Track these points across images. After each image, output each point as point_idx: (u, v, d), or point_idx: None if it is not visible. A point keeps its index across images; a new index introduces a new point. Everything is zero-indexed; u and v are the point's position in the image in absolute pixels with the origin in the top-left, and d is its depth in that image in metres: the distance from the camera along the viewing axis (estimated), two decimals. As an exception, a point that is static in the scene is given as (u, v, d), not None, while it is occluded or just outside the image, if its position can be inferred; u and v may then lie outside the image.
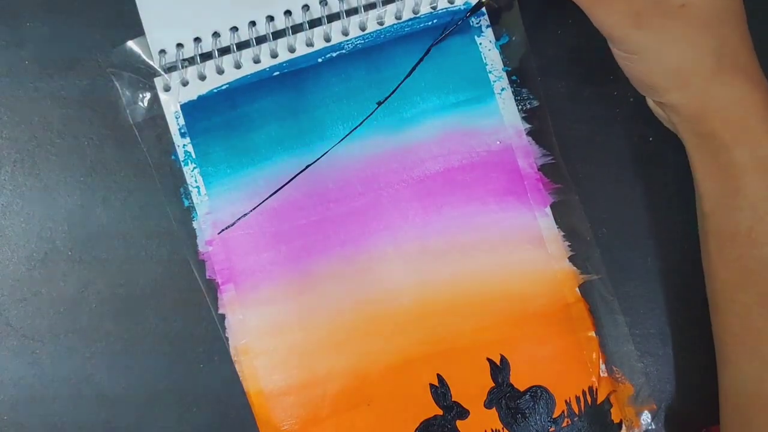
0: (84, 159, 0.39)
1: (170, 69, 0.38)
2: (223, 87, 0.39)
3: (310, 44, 0.39)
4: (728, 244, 0.34)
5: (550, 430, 0.39)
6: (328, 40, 0.39)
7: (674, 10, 0.32)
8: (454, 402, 0.38)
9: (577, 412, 0.39)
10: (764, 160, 0.32)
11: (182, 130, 0.39)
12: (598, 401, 0.39)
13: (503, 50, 0.40)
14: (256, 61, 0.39)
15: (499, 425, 0.38)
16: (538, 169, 0.40)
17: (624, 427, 0.39)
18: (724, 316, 0.35)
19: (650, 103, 0.37)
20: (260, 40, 0.39)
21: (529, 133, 0.40)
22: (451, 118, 0.39)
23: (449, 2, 0.40)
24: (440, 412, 0.38)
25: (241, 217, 0.38)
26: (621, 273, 0.40)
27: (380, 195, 0.39)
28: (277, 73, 0.39)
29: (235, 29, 0.39)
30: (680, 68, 0.33)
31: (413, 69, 0.39)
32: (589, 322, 0.39)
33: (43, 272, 0.38)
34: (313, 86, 0.39)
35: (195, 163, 0.39)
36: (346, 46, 0.39)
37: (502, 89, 0.40)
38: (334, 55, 0.39)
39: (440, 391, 0.39)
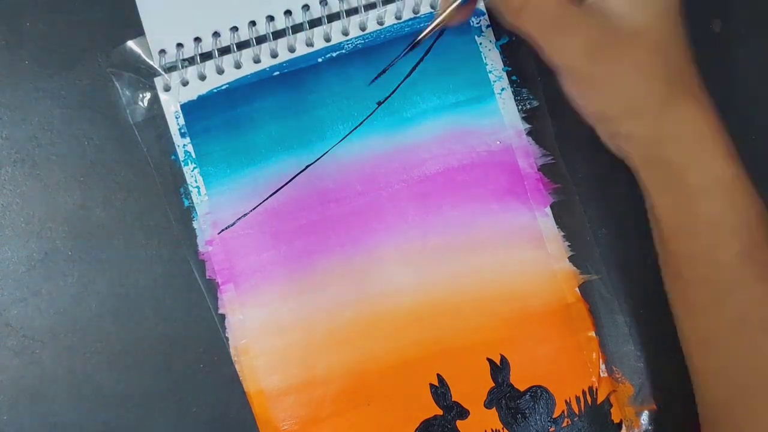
0: (84, 159, 0.39)
1: (170, 69, 0.38)
2: (223, 87, 0.39)
3: (310, 44, 0.39)
4: (688, 268, 0.34)
5: (550, 430, 0.39)
6: (328, 40, 0.39)
7: (625, 40, 0.31)
8: (454, 402, 0.38)
9: (577, 412, 0.39)
10: (719, 182, 0.32)
11: (182, 130, 0.39)
12: (598, 401, 0.39)
13: (503, 50, 0.40)
14: (256, 61, 0.39)
15: (499, 425, 0.38)
16: (538, 169, 0.40)
17: (624, 427, 0.39)
18: (688, 341, 0.35)
19: (600, 133, 0.36)
20: (260, 40, 0.39)
21: (529, 133, 0.40)
22: (451, 118, 0.39)
23: (449, 2, 0.40)
24: (440, 412, 0.38)
25: (241, 217, 0.38)
26: (621, 273, 0.40)
27: (380, 195, 0.39)
28: (277, 73, 0.39)
29: (235, 29, 0.39)
30: (634, 97, 0.32)
31: (413, 69, 0.39)
32: (589, 322, 0.39)
33: (43, 272, 0.38)
34: (313, 86, 0.39)
35: (195, 163, 0.39)
36: (346, 46, 0.39)
37: (502, 89, 0.40)
38: (334, 55, 0.39)
39: (440, 391, 0.39)
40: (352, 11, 0.39)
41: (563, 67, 0.33)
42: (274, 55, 0.39)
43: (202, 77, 0.39)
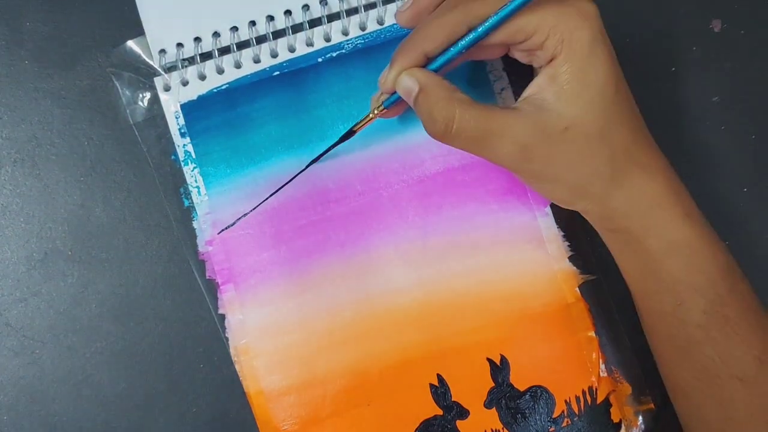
0: (84, 159, 0.39)
1: (170, 69, 0.38)
2: (223, 87, 0.39)
3: (310, 44, 0.39)
4: (658, 323, 0.35)
5: (550, 430, 0.39)
6: (328, 39, 0.39)
7: (559, 136, 0.31)
8: (454, 402, 0.38)
9: (576, 412, 0.39)
10: (675, 244, 0.33)
11: (182, 130, 0.39)
12: (598, 401, 0.39)
13: (503, 50, 0.40)
14: (256, 60, 0.39)
15: (499, 425, 0.38)
16: (538, 169, 0.40)
17: (623, 427, 0.39)
18: (670, 389, 0.36)
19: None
20: (260, 39, 0.39)
21: (529, 133, 0.40)
22: (451, 118, 0.39)
23: (449, 2, 0.40)
24: (440, 412, 0.38)
25: (241, 217, 0.38)
26: (621, 273, 0.40)
27: (380, 195, 0.39)
28: (277, 72, 0.39)
29: (235, 29, 0.39)
30: (578, 184, 0.33)
31: (413, 69, 0.39)
32: (589, 322, 0.39)
33: (43, 272, 0.38)
34: (313, 86, 0.39)
35: (195, 163, 0.39)
36: (346, 46, 0.39)
37: (503, 89, 0.40)
38: (334, 54, 0.39)
39: (440, 391, 0.39)
40: (352, 11, 0.39)
41: (505, 168, 0.33)
42: (274, 55, 0.39)
43: (202, 77, 0.39)
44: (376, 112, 0.35)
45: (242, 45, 0.39)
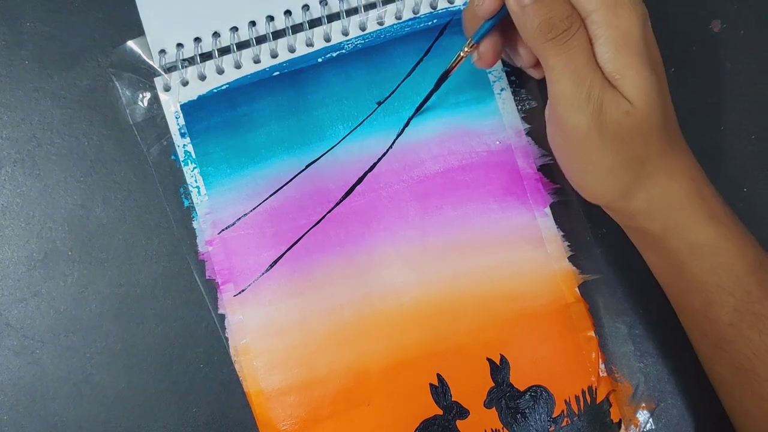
0: (84, 159, 0.39)
1: (170, 69, 0.38)
2: (223, 87, 0.39)
3: (310, 44, 0.39)
4: (691, 321, 0.35)
5: (550, 429, 0.39)
6: (328, 40, 0.39)
7: (570, 135, 0.31)
8: (454, 402, 0.38)
9: (576, 412, 0.39)
10: (698, 246, 0.32)
11: (182, 130, 0.39)
12: (598, 401, 0.39)
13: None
14: (256, 61, 0.39)
15: (499, 425, 0.38)
16: (538, 170, 0.40)
17: (623, 427, 0.39)
18: (712, 383, 0.36)
19: None
20: (260, 40, 0.39)
21: (529, 134, 0.40)
22: (451, 118, 0.39)
23: (449, 2, 0.40)
24: (440, 412, 0.38)
25: (241, 217, 0.38)
26: (621, 273, 0.40)
27: (380, 195, 0.39)
28: (277, 73, 0.39)
29: (235, 29, 0.39)
30: (593, 185, 0.33)
31: (413, 69, 0.39)
32: (588, 322, 0.39)
33: (43, 272, 0.38)
34: (313, 86, 0.39)
35: (195, 163, 0.39)
36: (346, 46, 0.39)
37: (502, 89, 0.40)
38: (334, 55, 0.39)
39: (440, 391, 0.39)
40: (352, 11, 0.39)
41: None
42: (274, 55, 0.39)
43: (202, 77, 0.39)
44: (466, 49, 0.35)
45: (242, 45, 0.39)
